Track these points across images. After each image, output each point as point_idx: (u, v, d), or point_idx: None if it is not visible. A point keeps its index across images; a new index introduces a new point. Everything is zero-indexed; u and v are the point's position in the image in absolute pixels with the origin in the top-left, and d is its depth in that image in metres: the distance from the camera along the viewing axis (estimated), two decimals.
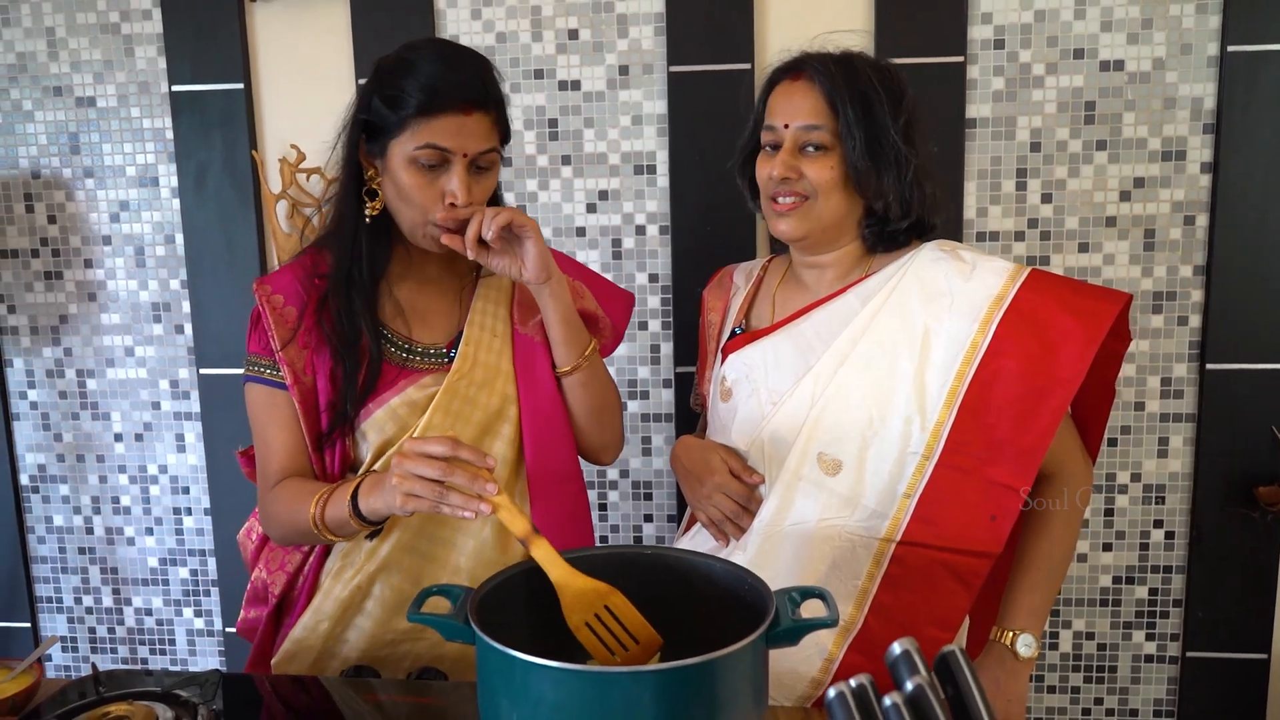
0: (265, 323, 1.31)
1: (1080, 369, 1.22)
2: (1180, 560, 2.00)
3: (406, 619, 0.99)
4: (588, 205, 2.01)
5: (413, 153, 1.23)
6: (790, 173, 1.31)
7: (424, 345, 1.36)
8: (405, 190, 1.25)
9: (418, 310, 1.37)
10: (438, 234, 1.27)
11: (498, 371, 1.37)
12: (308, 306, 1.31)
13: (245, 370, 1.35)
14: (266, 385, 1.32)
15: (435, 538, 1.34)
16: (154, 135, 2.09)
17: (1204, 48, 1.85)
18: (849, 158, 1.30)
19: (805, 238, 1.34)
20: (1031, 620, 1.29)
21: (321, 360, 1.31)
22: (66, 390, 2.21)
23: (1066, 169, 1.90)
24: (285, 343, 1.30)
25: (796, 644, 0.96)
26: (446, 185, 1.24)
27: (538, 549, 1.05)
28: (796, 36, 1.44)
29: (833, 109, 1.30)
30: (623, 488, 2.11)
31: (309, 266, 1.35)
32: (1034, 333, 1.25)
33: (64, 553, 2.27)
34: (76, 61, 2.07)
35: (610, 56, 1.96)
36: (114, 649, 2.31)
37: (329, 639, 1.34)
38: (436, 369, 1.35)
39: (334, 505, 1.21)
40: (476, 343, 1.37)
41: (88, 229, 2.14)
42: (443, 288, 1.40)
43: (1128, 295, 1.28)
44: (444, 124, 1.22)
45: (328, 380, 1.30)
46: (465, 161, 1.24)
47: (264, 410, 1.33)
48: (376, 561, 1.33)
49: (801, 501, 1.30)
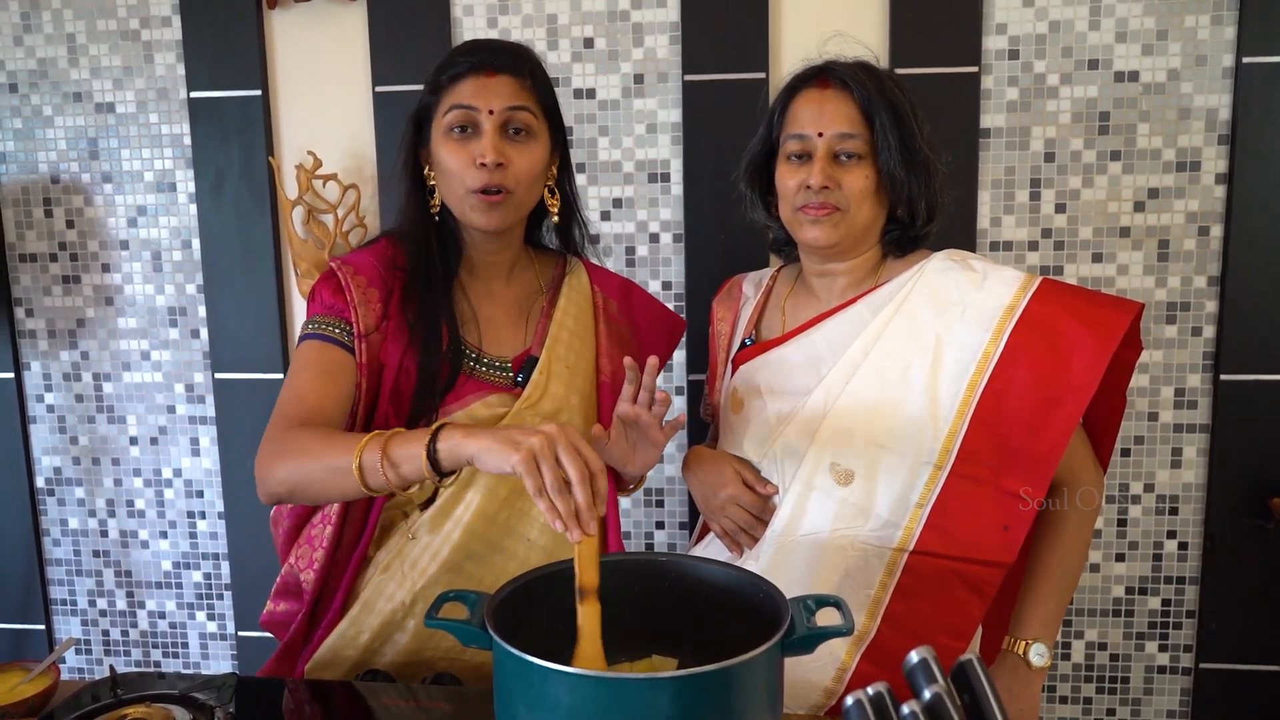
0: (349, 296, 1.26)
1: (1093, 378, 1.22)
2: (1194, 571, 1.99)
3: (425, 624, 0.99)
4: (602, 213, 2.02)
5: (444, 120, 1.24)
6: (829, 182, 1.30)
7: (491, 357, 1.33)
8: (443, 163, 1.25)
9: (485, 320, 1.34)
10: (479, 203, 1.24)
11: (565, 404, 1.34)
12: (393, 294, 1.28)
13: (308, 329, 1.27)
14: (330, 343, 1.25)
15: (483, 560, 1.31)
16: (172, 141, 2.10)
17: (1219, 59, 1.85)
18: (885, 166, 1.30)
19: (836, 245, 1.34)
20: (1044, 629, 1.29)
21: (394, 350, 1.27)
22: (83, 394, 2.22)
23: (1081, 179, 1.90)
24: (367, 320, 1.25)
25: (812, 651, 0.96)
26: (476, 147, 1.23)
27: (588, 610, 0.99)
28: (812, 47, 1.44)
29: (866, 118, 1.30)
30: (635, 495, 2.11)
31: (388, 255, 1.32)
32: (1046, 342, 1.25)
33: (79, 555, 2.29)
34: (96, 68, 2.09)
35: (625, 65, 1.97)
36: (128, 652, 2.32)
37: (366, 651, 1.32)
38: (502, 387, 1.32)
39: (405, 441, 1.08)
40: (550, 373, 1.34)
41: (105, 234, 2.16)
42: (510, 300, 1.38)
43: (1139, 304, 1.29)
44: (467, 84, 1.24)
45: (396, 370, 1.26)
46: (494, 120, 1.23)
47: (310, 359, 1.24)
48: (424, 577, 1.30)
49: (814, 511, 1.30)
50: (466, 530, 1.30)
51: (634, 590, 1.08)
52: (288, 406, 1.22)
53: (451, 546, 1.30)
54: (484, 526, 1.31)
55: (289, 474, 1.16)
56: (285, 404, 1.22)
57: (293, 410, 1.21)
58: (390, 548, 1.33)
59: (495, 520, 1.32)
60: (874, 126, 1.30)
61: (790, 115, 1.35)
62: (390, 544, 1.33)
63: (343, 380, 1.24)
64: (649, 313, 1.52)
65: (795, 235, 1.37)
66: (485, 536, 1.31)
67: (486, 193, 1.24)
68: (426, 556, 1.30)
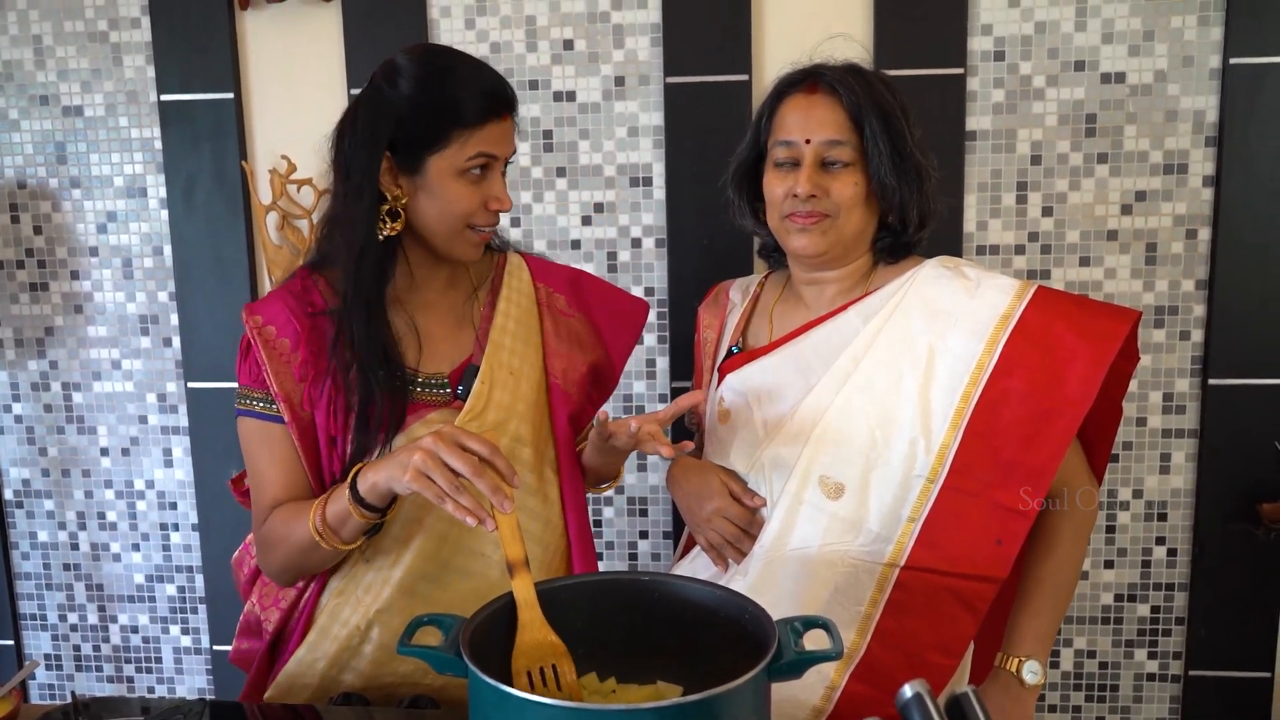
0: (257, 355, 1.24)
1: (1090, 391, 1.19)
2: (1183, 578, 1.97)
3: (397, 651, 0.95)
4: (583, 218, 1.98)
5: (464, 164, 1.21)
6: (817, 190, 1.27)
7: (426, 376, 1.29)
8: (452, 202, 1.22)
9: (423, 337, 1.30)
10: (478, 240, 1.27)
11: (512, 412, 1.30)
12: (302, 337, 1.25)
13: (237, 404, 1.28)
14: (259, 419, 1.26)
15: (436, 580, 1.28)
16: (142, 145, 2.05)
17: (1206, 60, 1.83)
18: (875, 173, 1.27)
19: (824, 254, 1.31)
20: (1038, 645, 1.27)
21: (320, 393, 1.24)
22: (52, 404, 2.17)
23: (1067, 182, 1.88)
24: (282, 377, 1.24)
25: (800, 676, 0.93)
26: (489, 191, 1.24)
27: (520, 582, 1.01)
28: (796, 48, 1.41)
29: (855, 124, 1.27)
30: (618, 504, 2.08)
31: (299, 293, 1.28)
32: (1042, 353, 1.22)
33: (48, 569, 2.23)
34: (64, 70, 2.04)
35: (606, 67, 1.93)
36: (99, 667, 2.26)
37: (324, 678, 1.29)
38: (441, 404, 1.28)
39: (334, 500, 1.16)
40: (493, 381, 1.30)
41: (74, 240, 2.11)
42: (447, 310, 1.34)
43: (1137, 313, 1.26)
44: (493, 131, 1.22)
45: (326, 415, 1.24)
46: (503, 165, 1.26)
47: (257, 444, 1.27)
48: (379, 600, 1.26)
49: (803, 525, 1.27)
50: (418, 552, 1.27)
51: (616, 611, 1.05)
52: (258, 498, 1.27)
53: (404, 569, 1.27)
54: (435, 546, 1.28)
55: (283, 565, 1.25)
56: (255, 495, 1.28)
57: (262, 502, 1.26)
58: (344, 573, 1.30)
59: (448, 539, 1.28)
60: (863, 132, 1.27)
61: (778, 121, 1.32)
62: (344, 569, 1.30)
63: (290, 455, 1.26)
64: (606, 301, 1.45)
65: (783, 243, 1.34)
66: (437, 557, 1.28)
67: (483, 230, 1.27)
68: (380, 580, 1.27)
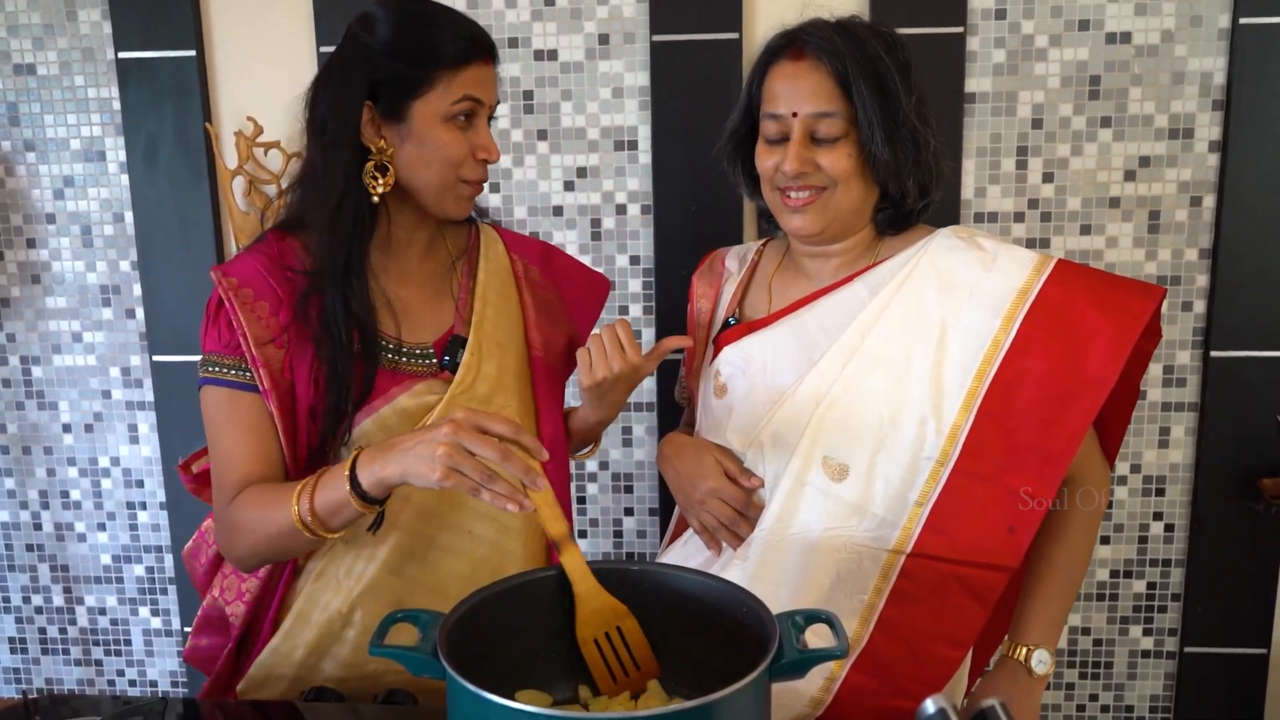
0: (234, 318, 1.16)
1: (1113, 370, 1.12)
2: (1179, 554, 1.94)
3: (369, 652, 0.88)
4: (565, 183, 1.91)
5: (449, 108, 1.16)
6: (805, 166, 1.19)
7: (410, 345, 1.24)
8: (439, 150, 1.17)
9: (403, 306, 1.25)
10: (467, 193, 1.23)
11: (499, 385, 1.27)
12: (283, 300, 1.18)
13: (202, 372, 1.19)
14: (229, 387, 1.17)
15: (424, 560, 1.22)
16: (100, 106, 1.96)
17: (1215, 19, 1.76)
18: (866, 145, 1.19)
19: (822, 232, 1.24)
20: (1047, 634, 1.21)
21: (301, 362, 1.17)
22: (10, 378, 2.08)
23: (1069, 147, 1.81)
24: (261, 342, 1.16)
25: (803, 676, 0.87)
26: (476, 140, 1.20)
27: (569, 555, 0.99)
28: (787, 4, 1.34)
29: (844, 92, 1.18)
30: (602, 480, 2.02)
31: (275, 255, 1.21)
32: (1061, 330, 1.15)
33: (10, 550, 2.16)
34: (14, 25, 1.94)
35: (589, 24, 1.84)
36: (66, 650, 2.19)
37: (302, 667, 1.22)
38: (427, 374, 1.24)
39: (327, 488, 1.07)
40: (482, 353, 1.26)
41: (30, 206, 2.01)
42: (425, 279, 1.28)
43: (1162, 290, 1.19)
44: (475, 74, 1.18)
45: (308, 384, 1.17)
46: (488, 113, 1.21)
47: (225, 416, 1.18)
48: (361, 583, 1.20)
49: (805, 509, 1.20)
50: (404, 528, 1.21)
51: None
52: (223, 476, 1.18)
53: (389, 547, 1.21)
54: (422, 523, 1.22)
55: (251, 551, 1.16)
56: (220, 472, 1.19)
57: (229, 480, 1.17)
58: (323, 553, 1.22)
59: (434, 515, 1.23)
60: (853, 100, 1.19)
61: (766, 91, 1.24)
62: (323, 549, 1.22)
63: (265, 427, 1.18)
64: (573, 277, 1.44)
65: (779, 222, 1.27)
66: (424, 533, 1.22)
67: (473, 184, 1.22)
68: (363, 560, 1.21)
